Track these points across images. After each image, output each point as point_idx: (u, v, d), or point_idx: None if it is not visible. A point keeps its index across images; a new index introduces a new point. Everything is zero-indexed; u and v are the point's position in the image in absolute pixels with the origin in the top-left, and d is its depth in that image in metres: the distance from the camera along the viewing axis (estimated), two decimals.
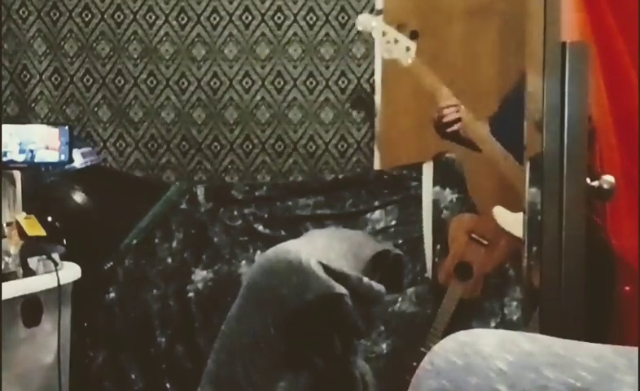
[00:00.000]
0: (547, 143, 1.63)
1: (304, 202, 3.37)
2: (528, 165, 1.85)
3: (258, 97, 3.54)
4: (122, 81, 3.56)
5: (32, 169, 2.91)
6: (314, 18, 3.52)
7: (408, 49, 2.99)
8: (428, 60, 3.04)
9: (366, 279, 2.40)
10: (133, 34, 3.55)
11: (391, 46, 3.02)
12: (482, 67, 3.45)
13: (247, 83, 3.53)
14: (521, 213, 2.94)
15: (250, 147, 3.55)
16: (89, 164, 3.35)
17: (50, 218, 2.88)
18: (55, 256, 2.64)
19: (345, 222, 3.30)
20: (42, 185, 3.11)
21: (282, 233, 3.28)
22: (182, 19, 3.54)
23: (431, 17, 3.47)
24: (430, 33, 3.37)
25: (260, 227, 3.35)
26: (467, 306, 3.08)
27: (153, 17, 3.54)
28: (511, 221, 2.86)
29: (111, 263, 3.32)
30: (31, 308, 2.57)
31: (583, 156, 1.64)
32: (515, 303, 3.09)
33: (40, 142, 2.88)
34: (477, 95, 3.26)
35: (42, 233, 2.69)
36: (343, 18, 3.50)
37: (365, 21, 3.09)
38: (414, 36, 3.03)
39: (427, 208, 3.27)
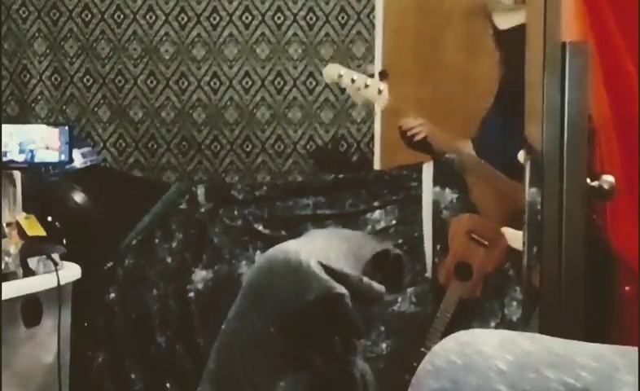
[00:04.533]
0: (547, 143, 1.63)
1: (304, 202, 3.36)
2: (528, 165, 1.85)
3: (258, 97, 3.54)
4: (122, 81, 3.56)
5: (32, 169, 2.91)
6: (314, 18, 3.52)
7: (380, 92, 2.96)
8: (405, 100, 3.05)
9: (365, 279, 2.40)
10: (133, 34, 3.55)
11: (362, 91, 2.97)
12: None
13: (247, 83, 3.53)
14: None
15: (250, 147, 3.55)
16: (89, 164, 3.35)
17: (50, 218, 2.88)
18: (55, 256, 2.64)
19: (345, 222, 3.29)
20: (42, 185, 3.11)
21: (282, 233, 3.28)
22: (182, 19, 3.54)
23: (431, 17, 3.46)
24: (429, 36, 3.37)
25: (260, 227, 3.35)
26: (467, 306, 3.08)
27: (153, 17, 3.54)
28: (520, 241, 2.88)
29: (111, 263, 3.31)
30: (31, 308, 2.56)
31: (583, 156, 1.64)
32: (515, 303, 3.08)
33: (40, 142, 2.88)
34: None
35: (42, 233, 2.69)
36: (343, 18, 3.50)
37: (331, 72, 3.02)
38: (383, 76, 3.00)
39: (427, 208, 3.27)
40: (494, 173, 2.95)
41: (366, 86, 2.95)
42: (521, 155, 2.76)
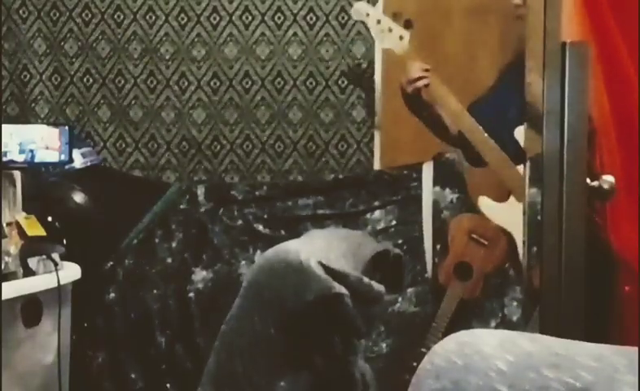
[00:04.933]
0: (547, 143, 1.63)
1: (304, 202, 3.37)
2: (527, 165, 1.85)
3: (258, 97, 3.54)
4: (122, 81, 3.56)
5: (32, 169, 2.91)
6: (314, 18, 3.52)
7: (401, 38, 2.99)
8: (424, 51, 3.04)
9: (365, 279, 2.40)
10: (133, 34, 3.55)
11: (385, 34, 3.01)
12: (481, 62, 3.44)
13: (247, 83, 3.53)
14: (505, 204, 2.99)
15: (250, 147, 3.55)
16: (89, 164, 3.35)
17: (50, 218, 2.88)
18: (55, 256, 2.64)
19: (345, 222, 3.30)
20: (42, 185, 3.11)
21: (282, 233, 3.28)
22: (182, 19, 3.54)
23: (431, 10, 3.46)
24: (429, 28, 3.37)
25: (260, 227, 3.35)
26: (467, 306, 3.08)
27: (153, 17, 3.54)
28: (496, 212, 2.90)
29: (111, 263, 3.32)
30: (31, 308, 2.56)
31: (583, 156, 1.64)
32: (515, 303, 3.08)
33: (40, 142, 2.88)
34: (473, 88, 3.26)
35: (42, 233, 2.69)
36: (343, 18, 3.50)
37: (360, 9, 3.08)
38: (408, 25, 3.02)
39: (427, 208, 3.27)
40: (489, 143, 2.93)
41: (390, 30, 2.98)
42: (518, 132, 2.76)
